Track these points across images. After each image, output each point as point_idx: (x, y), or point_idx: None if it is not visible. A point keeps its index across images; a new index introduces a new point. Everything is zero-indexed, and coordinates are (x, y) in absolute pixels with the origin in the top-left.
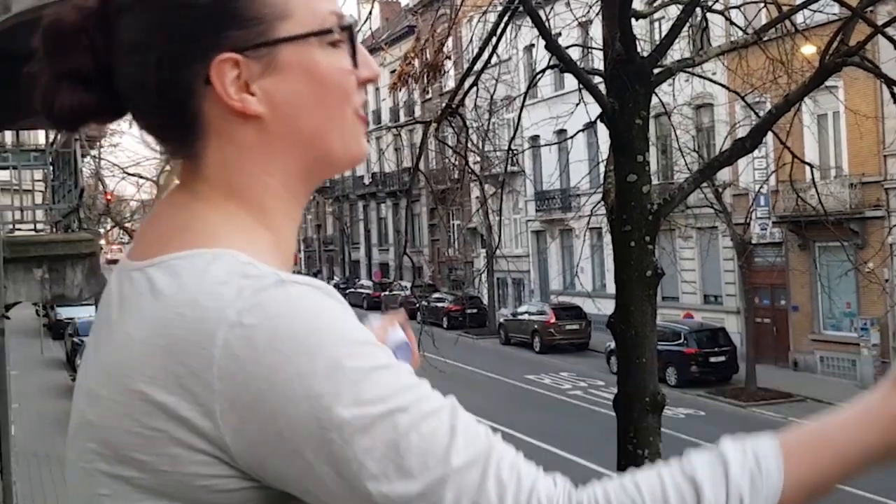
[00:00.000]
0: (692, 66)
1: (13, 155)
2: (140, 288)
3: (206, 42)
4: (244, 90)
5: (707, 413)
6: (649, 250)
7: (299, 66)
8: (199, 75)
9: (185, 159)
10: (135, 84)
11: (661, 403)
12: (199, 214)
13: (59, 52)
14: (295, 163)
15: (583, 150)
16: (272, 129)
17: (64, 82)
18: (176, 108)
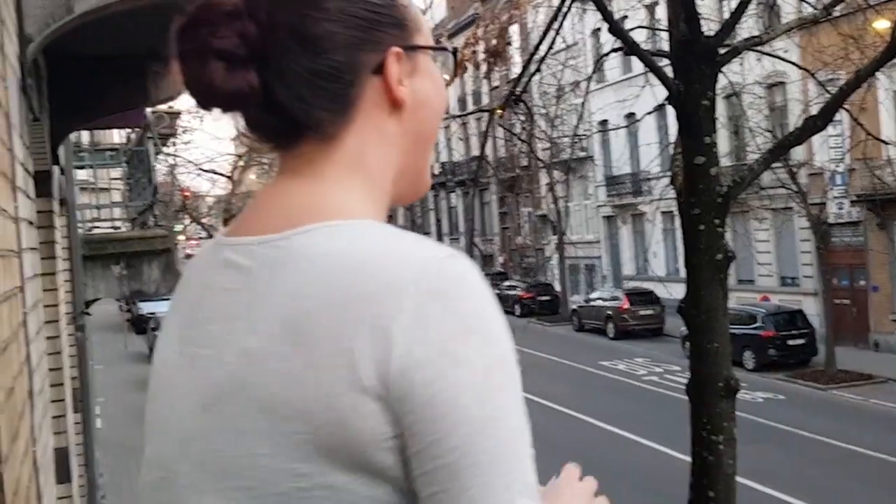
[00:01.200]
0: (760, 44)
1: (89, 155)
2: (297, 252)
3: (379, 34)
4: (399, 83)
5: (786, 396)
6: (719, 233)
7: (429, 73)
8: (369, 64)
9: (314, 143)
10: (300, 67)
11: (734, 388)
12: (328, 192)
13: (214, 32)
14: (409, 162)
15: (653, 133)
16: (407, 123)
17: (218, 63)
18: (340, 90)
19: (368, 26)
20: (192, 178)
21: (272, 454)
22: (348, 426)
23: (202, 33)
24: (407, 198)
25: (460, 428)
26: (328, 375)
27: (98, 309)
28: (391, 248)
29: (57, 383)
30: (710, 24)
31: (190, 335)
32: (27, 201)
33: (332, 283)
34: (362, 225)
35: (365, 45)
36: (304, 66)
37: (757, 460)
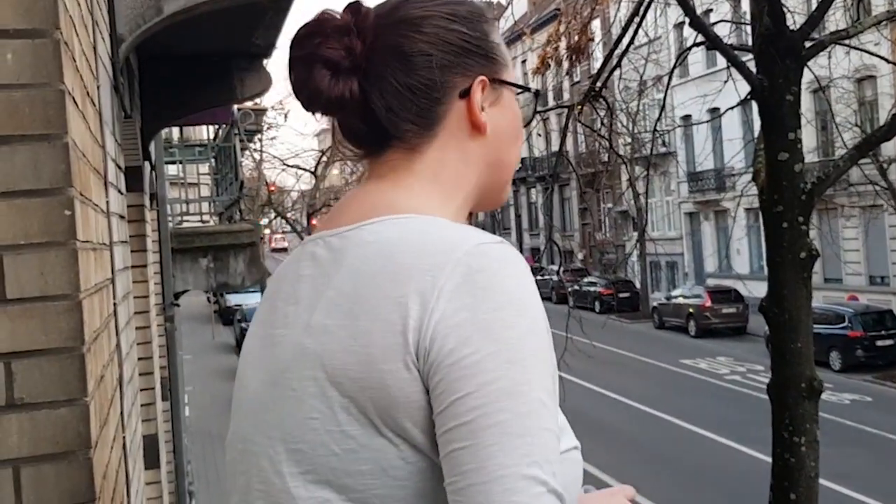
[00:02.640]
0: (847, 38)
1: (179, 150)
2: (359, 238)
3: (469, 62)
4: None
5: (874, 399)
6: (803, 231)
7: (511, 108)
8: (457, 86)
9: (400, 153)
10: (396, 81)
11: (818, 390)
12: (405, 196)
13: (325, 43)
14: (485, 181)
15: (736, 129)
16: (487, 147)
17: (323, 70)
18: (430, 107)
19: (460, 52)
20: (277, 173)
21: (323, 418)
22: (388, 392)
23: (314, 43)
24: (484, 208)
25: (482, 389)
26: (373, 343)
27: (187, 300)
28: (442, 233)
29: (146, 372)
30: (796, 17)
31: (269, 320)
32: (118, 196)
33: (384, 261)
34: (422, 218)
35: (455, 69)
36: (398, 80)
37: (842, 463)
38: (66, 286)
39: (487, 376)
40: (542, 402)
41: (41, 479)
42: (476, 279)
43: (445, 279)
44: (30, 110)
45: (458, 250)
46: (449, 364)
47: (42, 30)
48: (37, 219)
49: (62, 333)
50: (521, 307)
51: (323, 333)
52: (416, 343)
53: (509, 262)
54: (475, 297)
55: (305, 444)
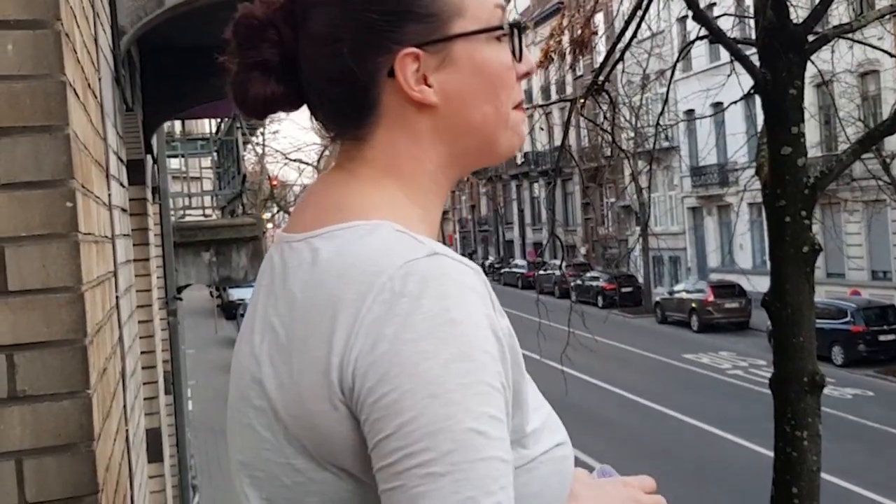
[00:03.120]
0: (850, 31)
1: (181, 144)
2: (303, 256)
3: (390, 35)
4: (422, 82)
5: (876, 394)
6: (805, 226)
7: (470, 61)
8: (382, 66)
9: (350, 142)
10: (321, 72)
11: (819, 384)
12: (358, 191)
13: (249, 44)
14: (457, 149)
15: (740, 123)
16: (443, 118)
17: (254, 73)
18: (358, 95)
19: (378, 29)
20: (279, 167)
21: (273, 449)
22: (320, 432)
23: (236, 47)
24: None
25: (402, 429)
26: (303, 383)
27: (189, 294)
28: (377, 251)
29: (149, 366)
30: (799, 11)
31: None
32: (120, 189)
33: (315, 290)
34: (365, 228)
35: (375, 49)
36: (321, 70)
37: (844, 458)
38: (68, 278)
39: (406, 416)
40: (474, 431)
41: (43, 471)
42: (397, 306)
43: (366, 309)
44: (31, 102)
45: (383, 274)
46: (370, 403)
47: (43, 21)
48: (38, 211)
49: (64, 326)
50: (447, 332)
51: (267, 365)
52: (339, 381)
53: (437, 280)
54: (394, 327)
55: (262, 473)
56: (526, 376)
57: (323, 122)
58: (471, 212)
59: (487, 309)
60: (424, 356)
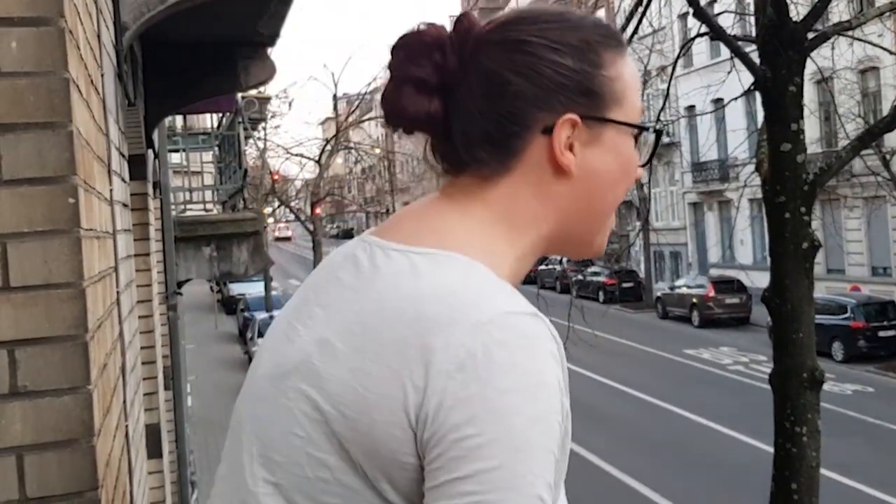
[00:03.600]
0: (849, 29)
1: (182, 139)
2: (401, 266)
3: (560, 98)
4: (569, 150)
5: (876, 389)
6: (805, 222)
7: (615, 147)
8: (541, 121)
9: (472, 178)
10: (479, 107)
11: (819, 380)
12: (467, 225)
13: (413, 61)
14: (568, 225)
15: (740, 119)
16: (572, 190)
17: (407, 87)
18: (507, 138)
19: (552, 87)
20: (280, 161)
21: (306, 439)
22: (374, 443)
23: (399, 59)
24: (571, 255)
25: (481, 475)
26: (372, 389)
27: (190, 289)
28: (474, 290)
29: (149, 361)
30: (799, 8)
31: (300, 313)
32: (121, 184)
33: (408, 304)
34: (467, 263)
35: (541, 104)
36: (478, 105)
37: (844, 453)
38: (70, 274)
39: (488, 463)
40: (539, 498)
41: (44, 466)
42: (493, 353)
43: (462, 342)
44: (34, 98)
45: (483, 315)
46: (450, 440)
47: (46, 18)
48: (40, 207)
49: (65, 321)
50: (537, 391)
51: (331, 356)
52: (417, 405)
53: (534, 339)
54: (489, 373)
55: (281, 456)
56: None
57: (446, 152)
58: None
59: (563, 383)
60: (515, 409)
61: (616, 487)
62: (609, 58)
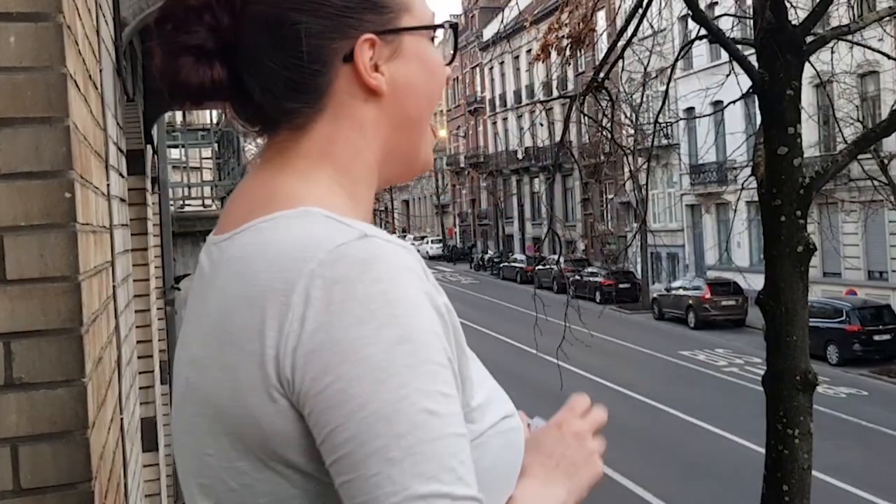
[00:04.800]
0: (848, 33)
1: (181, 134)
2: (230, 253)
3: (349, 21)
4: (374, 70)
5: (870, 393)
6: (801, 225)
7: (417, 55)
8: (339, 51)
9: (284, 133)
10: (268, 57)
11: (812, 383)
12: (288, 183)
13: (183, 28)
14: (392, 144)
15: (739, 122)
16: (387, 109)
17: (186, 58)
18: (308, 79)
19: (338, 14)
20: None
21: (216, 453)
22: (261, 427)
23: (168, 30)
24: (399, 178)
25: (352, 417)
26: (239, 377)
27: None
28: (305, 237)
29: (146, 355)
30: (799, 12)
31: (180, 338)
32: (119, 179)
33: (243, 282)
34: (295, 215)
35: (333, 33)
36: (270, 56)
37: (837, 456)
38: (66, 268)
39: (354, 403)
40: (427, 411)
41: (38, 458)
42: (332, 293)
43: (298, 298)
44: (32, 93)
45: (312, 260)
46: (314, 395)
47: (45, 13)
48: (37, 201)
49: (61, 315)
50: (387, 314)
51: (201, 367)
52: (276, 374)
53: (373, 261)
54: (331, 315)
55: (207, 480)
56: (467, 351)
57: (253, 114)
58: (471, 206)
59: (425, 286)
60: (367, 341)
61: (608, 486)
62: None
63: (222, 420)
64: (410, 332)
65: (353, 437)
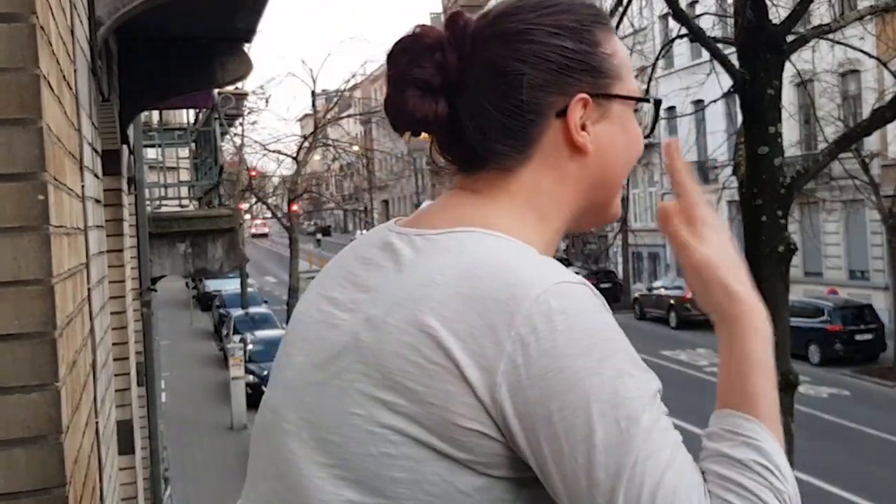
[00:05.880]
0: (829, 32)
1: (158, 134)
2: (446, 245)
3: (568, 79)
4: (582, 129)
5: (852, 393)
6: (781, 225)
7: (621, 122)
8: (554, 106)
9: (494, 172)
10: (490, 101)
11: (793, 383)
12: (500, 214)
13: (415, 62)
14: (589, 201)
15: (720, 121)
16: (589, 167)
17: (411, 90)
18: (522, 127)
19: (558, 70)
20: (258, 157)
21: (366, 416)
22: (447, 412)
23: (402, 62)
24: (588, 227)
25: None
26: (435, 361)
27: (165, 286)
28: (526, 265)
29: (121, 357)
30: (780, 11)
31: (335, 299)
32: (94, 180)
33: (461, 280)
34: (511, 242)
35: (552, 88)
36: (490, 100)
37: (820, 457)
38: (39, 271)
39: (581, 432)
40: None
41: (12, 463)
42: (555, 321)
43: (522, 318)
44: (4, 95)
45: (539, 286)
46: (537, 419)
47: (18, 14)
48: (10, 203)
49: (34, 318)
50: (605, 348)
51: (383, 332)
52: (487, 384)
53: (590, 301)
54: (555, 343)
55: (340, 437)
56: None
57: (460, 152)
58: None
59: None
60: (590, 372)
61: None
62: (603, 36)
63: (396, 389)
64: (628, 367)
65: (579, 468)
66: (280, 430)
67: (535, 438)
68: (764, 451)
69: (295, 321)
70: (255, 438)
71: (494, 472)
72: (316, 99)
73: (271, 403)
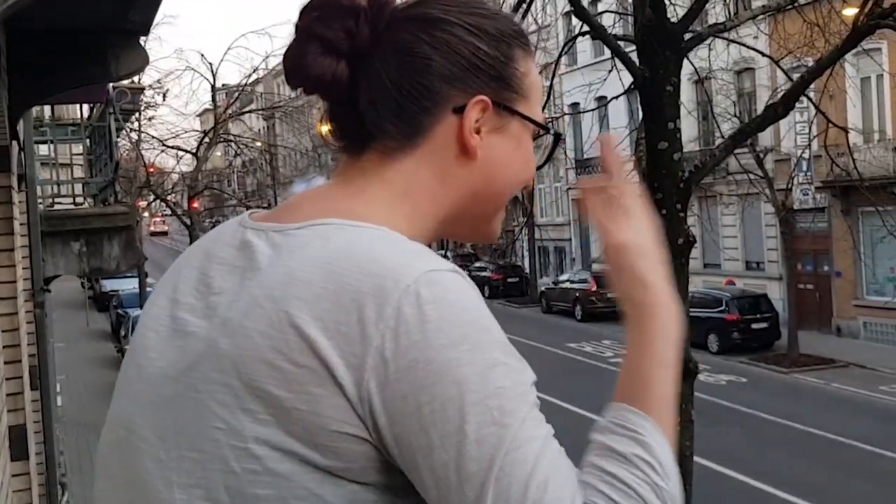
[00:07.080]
0: (724, 31)
1: (50, 129)
2: (305, 239)
3: (475, 80)
4: (476, 133)
5: (749, 380)
6: (681, 218)
7: (517, 141)
8: (453, 100)
9: (373, 155)
10: (392, 80)
11: (693, 371)
12: (371, 203)
13: (326, 20)
14: (466, 209)
15: (622, 117)
16: (472, 174)
17: (314, 45)
18: (415, 114)
19: (467, 67)
20: (156, 154)
21: (228, 430)
22: (315, 416)
23: (312, 17)
24: (461, 239)
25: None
26: (301, 363)
27: (60, 286)
28: (392, 254)
29: (13, 360)
30: (678, 10)
31: (188, 304)
32: None
33: (326, 273)
34: (374, 229)
35: (456, 82)
36: (391, 76)
37: (718, 442)
38: None
39: (451, 424)
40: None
41: None
42: (425, 312)
43: (391, 310)
44: None
45: (408, 276)
46: (405, 412)
47: None
48: None
49: None
50: (480, 339)
51: (242, 336)
52: (355, 381)
53: (462, 291)
54: (425, 333)
55: (200, 454)
56: None
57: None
58: None
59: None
60: (460, 362)
61: None
62: (520, 54)
63: (261, 398)
64: (497, 357)
65: (450, 460)
66: (134, 448)
67: (405, 434)
68: (648, 446)
69: (143, 328)
70: (105, 458)
71: (366, 479)
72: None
73: (122, 419)
